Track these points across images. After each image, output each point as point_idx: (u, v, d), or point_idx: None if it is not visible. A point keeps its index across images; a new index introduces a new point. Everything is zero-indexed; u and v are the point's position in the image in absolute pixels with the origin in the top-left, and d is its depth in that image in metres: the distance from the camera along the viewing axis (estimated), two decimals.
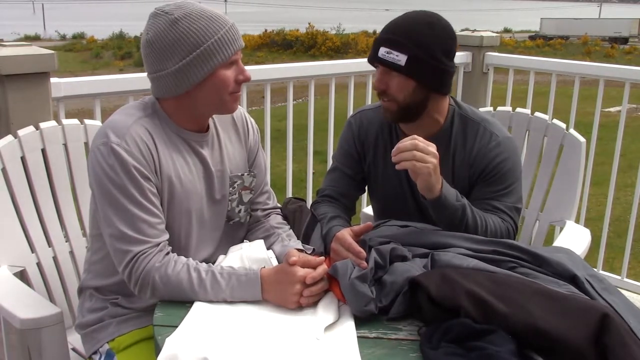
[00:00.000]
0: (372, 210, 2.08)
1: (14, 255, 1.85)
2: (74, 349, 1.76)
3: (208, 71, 1.45)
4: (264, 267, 1.46)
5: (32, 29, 36.66)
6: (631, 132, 6.91)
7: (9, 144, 1.85)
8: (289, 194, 3.07)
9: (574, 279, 1.43)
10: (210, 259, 1.60)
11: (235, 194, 1.66)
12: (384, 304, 1.36)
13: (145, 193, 1.44)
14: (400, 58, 1.64)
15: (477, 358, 1.15)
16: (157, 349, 1.25)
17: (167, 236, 1.49)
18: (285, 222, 1.77)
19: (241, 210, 1.69)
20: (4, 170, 1.83)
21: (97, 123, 2.07)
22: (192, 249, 1.59)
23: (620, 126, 3.11)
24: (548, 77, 3.34)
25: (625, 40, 36.17)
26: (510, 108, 2.44)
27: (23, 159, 1.87)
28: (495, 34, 3.64)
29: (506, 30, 44.41)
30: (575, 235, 2.02)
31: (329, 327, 1.32)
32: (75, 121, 1.99)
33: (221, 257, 1.58)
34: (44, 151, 1.92)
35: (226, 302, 1.41)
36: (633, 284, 3.21)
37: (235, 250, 1.59)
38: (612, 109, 8.98)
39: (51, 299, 1.92)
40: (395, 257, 1.48)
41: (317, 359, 1.21)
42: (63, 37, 34.48)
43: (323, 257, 1.52)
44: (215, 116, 1.63)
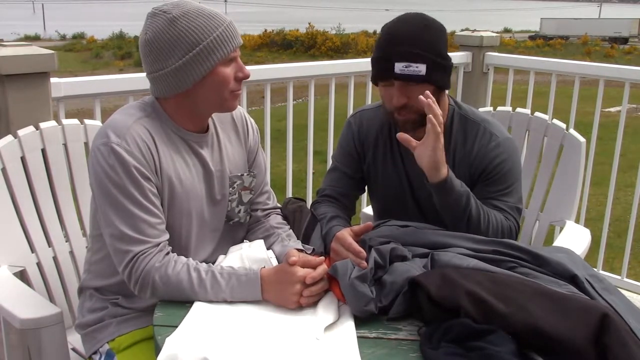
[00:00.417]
0: (372, 210, 2.08)
1: (14, 255, 1.85)
2: (74, 349, 1.76)
3: (207, 69, 1.45)
4: (264, 267, 1.46)
5: (32, 29, 36.68)
6: (631, 132, 6.91)
7: (9, 144, 1.85)
8: (289, 194, 3.07)
9: (574, 279, 1.43)
10: (210, 259, 1.60)
11: (235, 194, 1.66)
12: (384, 304, 1.36)
13: (145, 193, 1.44)
14: (420, 68, 1.61)
15: (477, 358, 1.15)
16: (157, 349, 1.25)
17: (167, 236, 1.49)
18: (285, 222, 1.77)
19: (241, 210, 1.69)
20: (4, 170, 1.83)
21: (97, 123, 2.07)
22: (192, 249, 1.59)
23: (620, 126, 3.11)
24: (548, 77, 3.34)
25: (625, 40, 36.18)
26: (510, 108, 2.44)
27: (23, 159, 1.87)
28: (495, 34, 3.64)
29: (506, 30, 44.44)
30: (575, 235, 2.02)
31: (329, 327, 1.32)
32: (75, 121, 1.99)
33: (221, 257, 1.58)
34: (44, 151, 1.92)
35: (226, 302, 1.41)
36: (633, 284, 3.21)
37: (235, 250, 1.59)
38: (612, 109, 8.98)
39: (51, 299, 1.92)
40: (395, 257, 1.48)
41: (317, 359, 1.22)
42: (63, 37, 34.51)
43: (323, 257, 1.53)
44: (215, 116, 1.63)
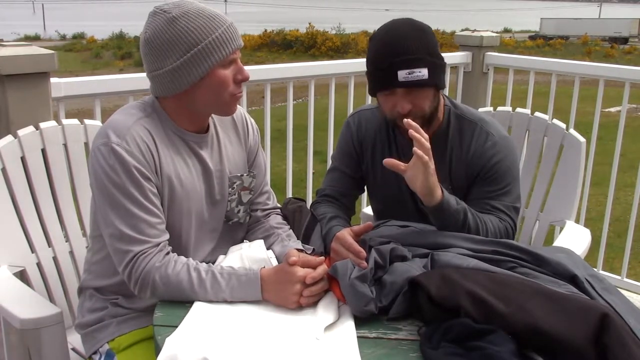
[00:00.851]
0: (372, 210, 2.08)
1: (14, 255, 1.85)
2: (74, 349, 1.76)
3: (205, 70, 1.45)
4: (264, 267, 1.46)
5: (32, 29, 36.67)
6: (631, 132, 6.90)
7: (9, 144, 1.85)
8: (289, 194, 3.07)
9: (574, 279, 1.43)
10: (209, 259, 1.60)
11: (234, 194, 1.66)
12: (384, 304, 1.36)
13: (145, 193, 1.44)
14: (423, 73, 1.61)
15: (477, 358, 1.15)
16: (157, 349, 1.25)
17: (167, 236, 1.49)
18: (285, 222, 1.77)
19: (240, 210, 1.69)
20: (4, 170, 1.83)
21: (97, 123, 2.07)
22: (192, 249, 1.59)
23: (620, 126, 3.11)
24: (548, 77, 3.34)
25: (625, 40, 36.17)
26: (510, 108, 2.44)
27: (23, 159, 1.87)
28: (495, 34, 3.64)
29: (506, 30, 44.43)
30: (575, 235, 2.01)
31: (329, 327, 1.32)
32: (75, 121, 1.99)
33: (221, 257, 1.58)
34: (44, 151, 1.92)
35: (226, 302, 1.41)
36: (633, 284, 3.21)
37: (235, 250, 1.59)
38: (612, 109, 8.98)
39: (51, 299, 1.92)
40: (395, 257, 1.48)
41: (317, 359, 1.22)
42: (63, 37, 34.50)
43: (323, 257, 1.52)
44: (215, 116, 1.63)
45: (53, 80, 2.12)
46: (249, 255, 1.54)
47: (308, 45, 26.70)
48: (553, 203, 2.28)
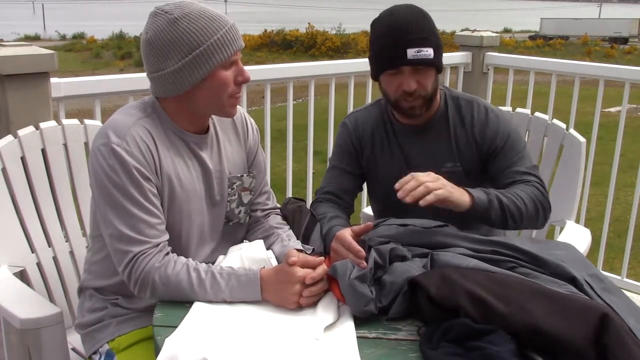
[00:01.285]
0: (372, 210, 2.08)
1: (14, 255, 1.85)
2: (74, 349, 1.76)
3: (207, 72, 1.45)
4: (264, 268, 1.46)
5: (32, 29, 36.67)
6: (631, 132, 6.91)
7: (9, 144, 1.85)
8: (289, 194, 3.07)
9: (573, 281, 1.43)
10: (209, 260, 1.60)
11: (234, 195, 1.66)
12: (384, 304, 1.36)
13: (145, 193, 1.44)
14: (430, 52, 1.68)
15: (477, 358, 1.15)
16: (157, 349, 1.25)
17: (167, 237, 1.49)
18: (284, 223, 1.77)
19: (241, 211, 1.69)
20: (4, 170, 1.83)
21: (97, 123, 2.07)
22: (192, 250, 1.59)
23: (620, 126, 3.11)
24: (548, 77, 3.34)
25: (625, 40, 36.16)
26: (510, 108, 2.44)
27: (23, 159, 1.87)
28: (495, 34, 3.64)
29: (506, 30, 44.41)
30: (575, 235, 2.02)
31: (329, 328, 1.32)
32: (75, 121, 1.99)
33: (221, 258, 1.58)
34: (44, 151, 1.92)
35: (226, 303, 1.41)
36: (633, 284, 3.21)
37: (234, 250, 1.58)
38: (612, 109, 8.99)
39: (51, 299, 1.92)
40: (394, 257, 1.48)
41: (317, 359, 1.21)
42: (63, 37, 34.49)
43: (323, 257, 1.52)
44: (215, 116, 1.63)
45: (53, 80, 2.12)
46: (249, 255, 1.54)
47: (308, 45, 26.70)
48: (553, 203, 2.27)
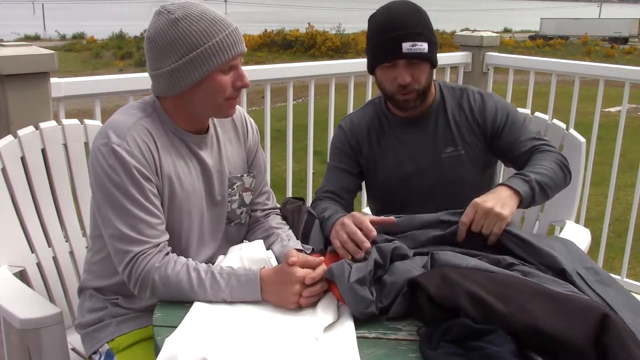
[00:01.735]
0: (371, 210, 2.08)
1: (14, 255, 1.85)
2: (74, 349, 1.76)
3: (203, 74, 1.44)
4: (264, 268, 1.46)
5: (32, 29, 36.64)
6: (631, 132, 6.89)
7: (9, 144, 1.85)
8: (289, 194, 3.07)
9: (563, 273, 1.43)
10: (210, 260, 1.60)
11: (235, 195, 1.66)
12: (384, 304, 1.36)
13: (145, 193, 1.44)
14: (424, 47, 1.74)
15: (477, 358, 1.15)
16: (157, 349, 1.25)
17: (167, 237, 1.49)
18: (284, 223, 1.77)
19: (243, 212, 1.69)
20: (4, 170, 1.83)
21: (97, 123, 2.07)
22: (193, 250, 1.59)
23: (620, 126, 3.11)
24: (548, 77, 3.34)
25: (625, 40, 36.14)
26: None
27: (23, 159, 1.87)
28: (495, 34, 3.64)
29: (506, 30, 44.39)
30: (575, 235, 2.01)
31: (329, 328, 1.32)
32: (75, 121, 1.99)
33: (221, 258, 1.58)
34: (44, 151, 1.92)
35: (225, 303, 1.41)
36: (633, 284, 3.21)
37: (234, 250, 1.58)
38: (612, 109, 8.98)
39: (51, 299, 1.92)
40: (396, 256, 1.48)
41: (317, 359, 1.21)
42: (63, 37, 34.47)
43: (322, 258, 1.52)
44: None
45: (53, 80, 2.12)
46: (249, 255, 1.54)
47: (308, 45, 26.68)
48: (553, 203, 2.27)
